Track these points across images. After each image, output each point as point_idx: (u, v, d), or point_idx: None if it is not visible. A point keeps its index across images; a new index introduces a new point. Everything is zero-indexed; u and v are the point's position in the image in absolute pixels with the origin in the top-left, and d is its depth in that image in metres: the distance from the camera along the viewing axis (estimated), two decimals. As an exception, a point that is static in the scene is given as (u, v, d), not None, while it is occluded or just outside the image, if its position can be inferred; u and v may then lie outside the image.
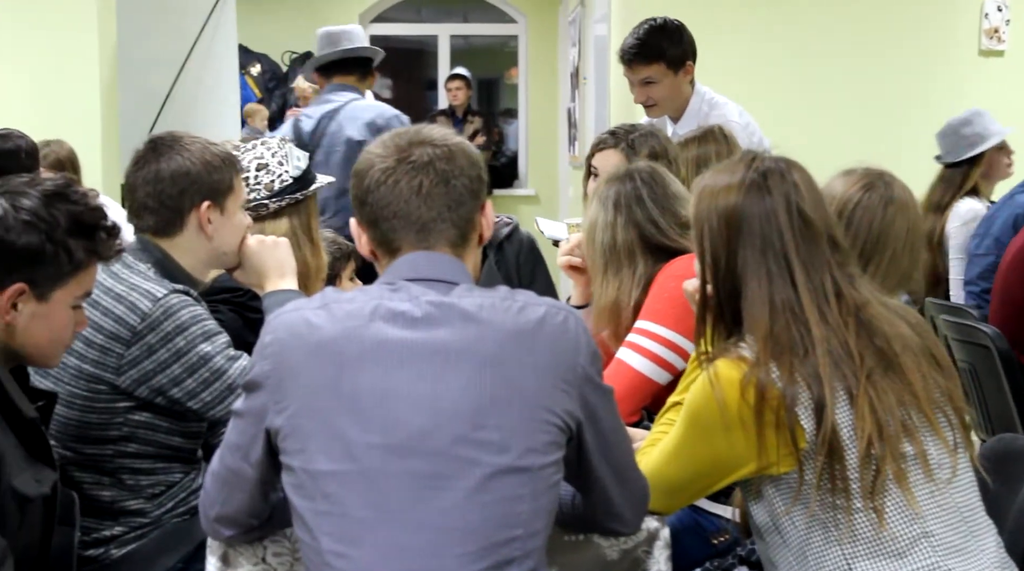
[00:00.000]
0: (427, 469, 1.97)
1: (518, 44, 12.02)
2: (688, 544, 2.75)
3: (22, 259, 2.30)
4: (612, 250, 3.04)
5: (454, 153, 2.12)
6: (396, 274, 2.10)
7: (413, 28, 12.36)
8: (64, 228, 2.32)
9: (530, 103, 11.84)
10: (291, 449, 2.04)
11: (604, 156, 3.67)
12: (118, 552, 2.76)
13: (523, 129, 11.95)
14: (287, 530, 2.29)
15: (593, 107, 8.79)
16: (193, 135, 2.91)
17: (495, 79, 13.06)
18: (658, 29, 4.46)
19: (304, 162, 3.35)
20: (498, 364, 2.01)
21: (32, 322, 2.35)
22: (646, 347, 2.92)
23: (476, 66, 11.95)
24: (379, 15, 11.81)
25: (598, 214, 3.07)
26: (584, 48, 9.33)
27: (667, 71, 4.44)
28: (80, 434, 2.74)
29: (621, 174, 3.13)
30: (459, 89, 11.04)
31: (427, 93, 12.53)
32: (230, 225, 2.90)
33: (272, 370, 2.07)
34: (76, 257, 2.35)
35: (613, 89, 7.51)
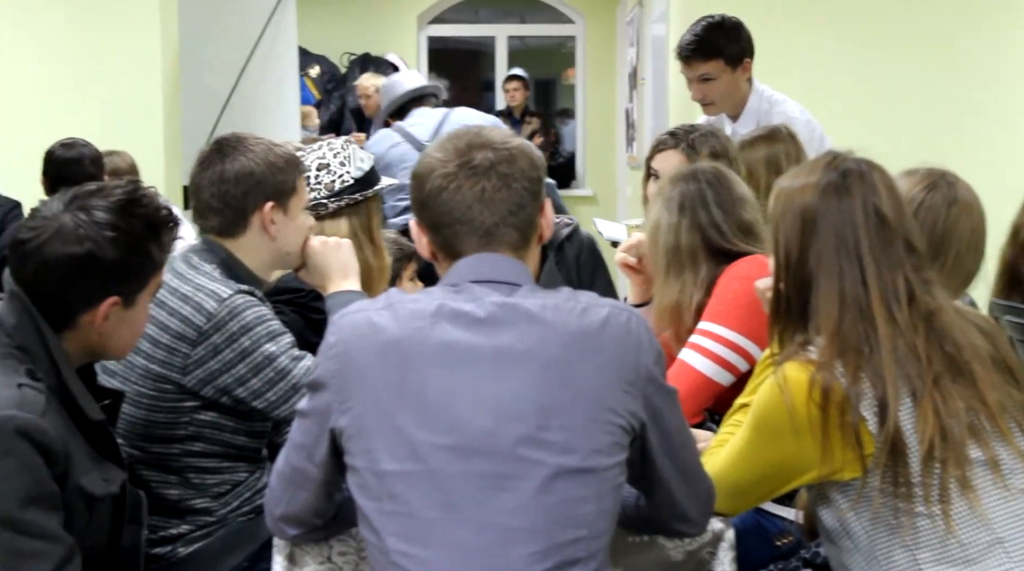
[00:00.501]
0: (491, 469, 1.98)
1: (575, 45, 12.01)
2: (751, 545, 2.74)
3: (115, 274, 2.32)
4: (675, 252, 3.03)
5: (515, 156, 2.12)
6: (459, 276, 2.10)
7: (470, 29, 12.38)
8: (142, 235, 2.35)
9: (587, 104, 11.83)
10: (356, 449, 2.05)
11: (664, 157, 3.66)
12: (185, 550, 2.79)
13: (580, 130, 11.94)
14: (352, 529, 2.31)
15: (651, 107, 8.77)
16: (257, 136, 2.93)
17: (552, 80, 13.05)
18: (716, 26, 4.45)
19: (367, 163, 3.36)
20: (562, 365, 2.01)
21: (118, 328, 2.39)
22: (709, 348, 2.91)
23: (532, 67, 11.95)
24: (436, 16, 11.84)
25: (661, 215, 3.06)
26: (642, 48, 9.31)
27: (725, 67, 4.42)
28: (147, 433, 2.78)
29: (686, 174, 3.12)
30: (516, 90, 11.05)
31: (483, 94, 12.55)
32: (293, 226, 2.92)
33: (337, 370, 2.08)
34: (155, 260, 2.39)
35: (672, 89, 7.49)
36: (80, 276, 2.30)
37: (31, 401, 2.20)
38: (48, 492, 2.20)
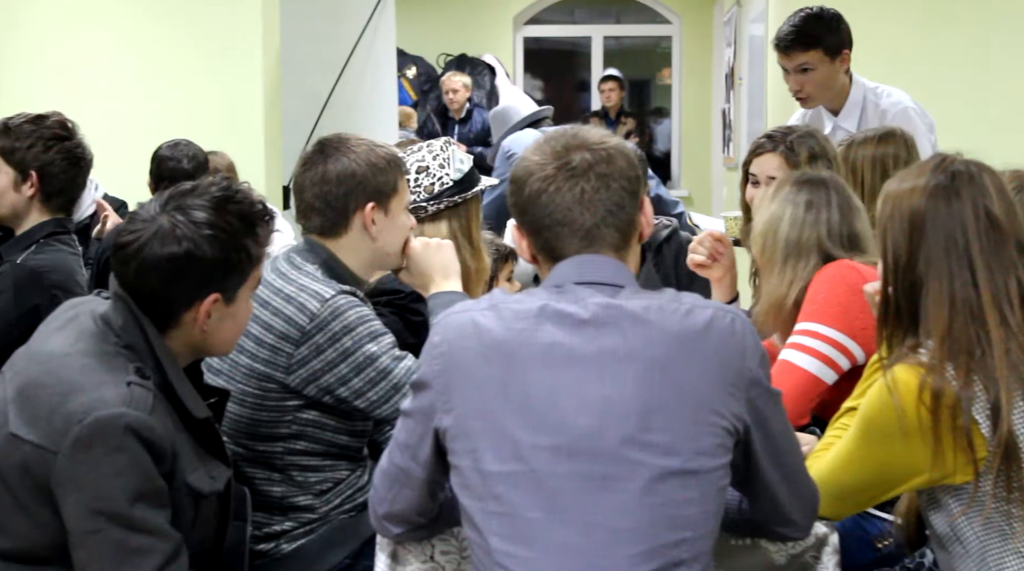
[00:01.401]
0: (595, 470, 1.97)
1: (671, 44, 11.96)
2: (852, 548, 2.71)
3: (214, 272, 2.35)
4: (796, 245, 2.99)
5: (612, 155, 2.11)
6: (561, 277, 2.10)
7: (566, 30, 12.38)
8: (238, 231, 2.37)
9: (683, 104, 11.78)
10: (459, 449, 2.06)
11: (763, 160, 3.63)
12: (288, 547, 2.82)
13: (676, 130, 11.89)
14: (454, 528, 2.32)
15: (748, 108, 8.71)
16: (359, 137, 2.95)
17: (647, 80, 13.01)
18: (815, 17, 4.42)
19: (467, 165, 3.37)
20: (666, 366, 2.01)
21: (221, 324, 2.41)
22: (812, 346, 2.89)
23: (627, 67, 11.93)
24: (532, 17, 11.85)
25: (784, 210, 3.02)
26: (740, 48, 9.25)
27: (824, 58, 4.38)
28: (252, 431, 2.81)
29: (815, 179, 3.08)
30: (612, 90, 11.04)
31: (578, 95, 12.55)
32: (394, 226, 2.94)
33: (441, 371, 2.09)
34: (253, 254, 2.41)
35: (770, 90, 7.43)
36: (180, 275, 2.32)
37: (139, 399, 2.24)
38: (156, 488, 2.23)
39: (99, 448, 2.19)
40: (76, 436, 2.19)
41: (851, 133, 4.23)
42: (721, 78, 10.64)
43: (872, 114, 4.43)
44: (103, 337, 2.35)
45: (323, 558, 2.82)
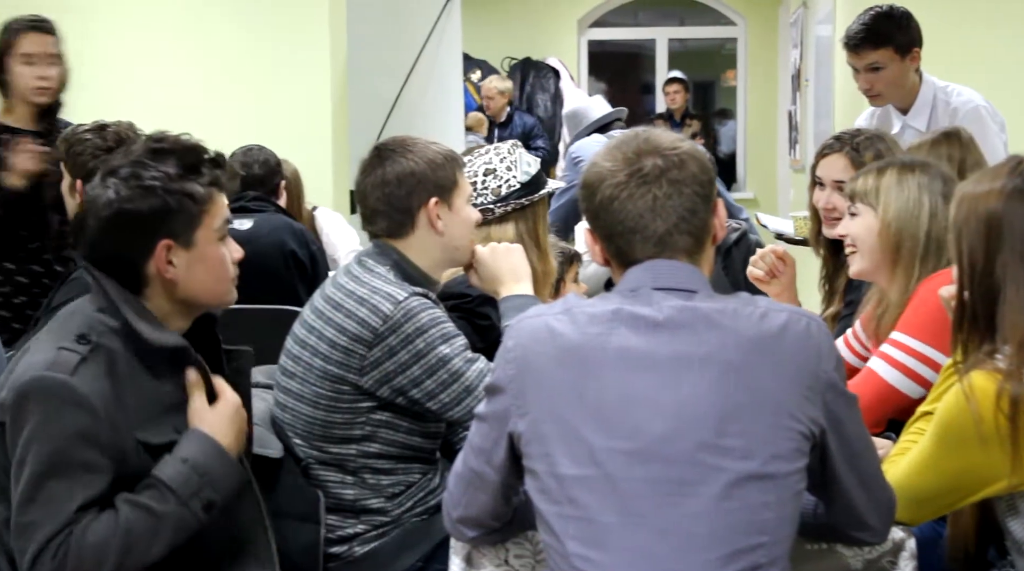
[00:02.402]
0: (671, 475, 1.97)
1: (736, 46, 11.91)
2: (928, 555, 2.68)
3: (153, 220, 2.39)
4: (937, 241, 2.87)
5: (685, 161, 2.10)
6: (636, 282, 2.09)
7: (630, 32, 12.36)
8: (175, 176, 2.40)
9: (749, 106, 11.72)
10: (534, 453, 2.06)
11: (828, 162, 3.60)
12: (361, 550, 2.84)
13: (741, 132, 11.84)
14: (528, 532, 2.32)
15: (814, 109, 8.66)
16: (414, 137, 2.98)
17: (711, 82, 12.97)
18: (885, 15, 4.39)
19: (534, 167, 3.38)
20: (741, 370, 2.00)
21: (190, 270, 2.43)
22: (899, 360, 2.85)
23: (691, 68, 11.88)
24: (596, 20, 11.85)
25: (923, 197, 2.90)
26: (806, 50, 9.19)
27: (894, 56, 4.35)
28: (325, 434, 2.83)
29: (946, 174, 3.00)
30: (677, 92, 11.01)
31: (643, 97, 12.52)
32: (459, 220, 2.95)
33: (515, 375, 2.09)
34: (198, 196, 2.42)
35: (838, 91, 7.38)
36: (123, 232, 2.39)
37: (62, 361, 2.28)
38: (76, 460, 2.25)
39: (22, 414, 2.26)
40: (7, 404, 2.28)
41: (920, 131, 4.21)
42: (787, 79, 10.57)
43: (942, 113, 4.40)
44: (77, 309, 2.42)
45: (396, 561, 2.83)
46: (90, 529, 2.25)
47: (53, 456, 2.23)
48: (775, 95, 11.35)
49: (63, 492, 2.24)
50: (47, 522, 2.22)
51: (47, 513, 2.23)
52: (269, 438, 2.87)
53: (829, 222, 3.50)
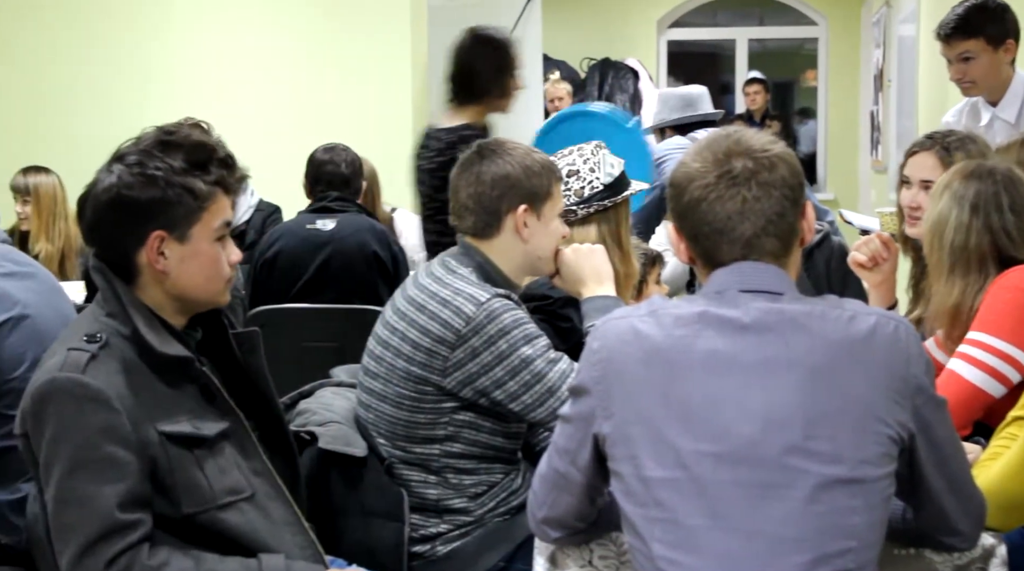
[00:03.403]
0: (758, 478, 1.96)
1: (817, 46, 11.82)
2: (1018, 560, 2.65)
3: (149, 209, 2.38)
4: (962, 252, 2.92)
5: (775, 163, 2.08)
6: (722, 284, 2.08)
7: (710, 32, 12.31)
8: (179, 170, 2.39)
9: (830, 106, 11.63)
10: (620, 455, 2.05)
11: (917, 160, 3.55)
12: (444, 549, 2.85)
13: (822, 132, 11.75)
14: (613, 533, 2.32)
15: (897, 109, 8.57)
16: (516, 141, 2.99)
17: (790, 82, 12.87)
18: (979, 6, 4.37)
19: (617, 169, 3.37)
20: (829, 374, 1.98)
21: (182, 265, 2.41)
22: (980, 359, 2.82)
23: (770, 69, 11.81)
24: (676, 20, 11.80)
25: (951, 211, 2.95)
26: (888, 49, 9.11)
27: (986, 47, 4.32)
28: (409, 434, 2.84)
29: (980, 170, 2.99)
30: (757, 93, 10.94)
31: (722, 97, 12.45)
32: (546, 230, 2.95)
33: (600, 377, 2.09)
34: (199, 193, 2.41)
35: (921, 91, 7.30)
36: (118, 217, 2.38)
37: (72, 361, 2.29)
38: (101, 456, 2.25)
39: (41, 419, 2.27)
40: (27, 413, 2.30)
41: (1009, 123, 4.18)
42: (869, 79, 10.48)
43: None
44: (88, 315, 2.43)
45: (478, 561, 2.84)
46: (168, 564, 2.26)
47: (77, 454, 2.24)
48: (856, 95, 11.25)
49: (94, 491, 2.24)
50: (85, 524, 2.22)
51: (83, 515, 2.23)
52: (353, 437, 2.89)
53: (912, 221, 3.46)
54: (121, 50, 6.89)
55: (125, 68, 6.89)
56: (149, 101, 6.67)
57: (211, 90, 6.73)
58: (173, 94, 6.74)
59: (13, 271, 3.16)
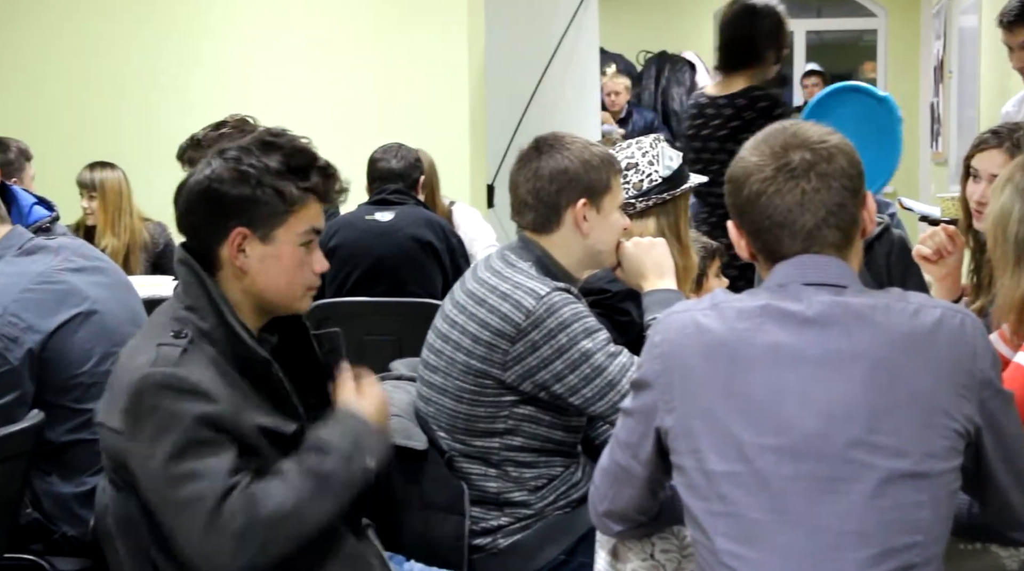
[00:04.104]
0: (821, 472, 1.94)
1: (876, 38, 11.72)
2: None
3: (237, 205, 2.39)
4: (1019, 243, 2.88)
5: (833, 154, 2.07)
6: (785, 277, 2.07)
7: (767, 24, 12.21)
8: (274, 171, 2.39)
9: (889, 97, 11.53)
10: (682, 449, 2.05)
11: (986, 157, 3.51)
12: (504, 542, 2.85)
13: (881, 124, 11.64)
14: (675, 527, 2.31)
15: (957, 101, 8.49)
16: (574, 135, 2.98)
17: (847, 74, 12.76)
18: None
19: (676, 162, 3.36)
20: (893, 367, 1.97)
21: (262, 265, 2.42)
22: None
23: (827, 60, 11.72)
24: (733, 12, 11.73)
25: (1014, 204, 2.92)
26: (949, 41, 9.02)
27: None
28: (468, 427, 2.85)
29: None
30: (815, 86, 10.83)
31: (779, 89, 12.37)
32: (606, 224, 2.95)
33: (662, 370, 2.08)
34: (288, 196, 2.41)
35: (983, 82, 7.23)
36: (205, 207, 2.41)
37: (164, 356, 2.31)
38: (202, 438, 2.27)
39: (140, 414, 2.28)
40: (123, 410, 2.30)
41: None
42: (929, 71, 10.39)
43: None
44: (166, 309, 2.45)
45: (539, 554, 2.85)
46: (263, 495, 2.27)
47: (181, 439, 2.25)
48: (916, 87, 11.15)
49: (203, 465, 2.25)
50: (204, 493, 2.24)
51: (200, 486, 2.24)
52: (413, 430, 2.90)
53: (978, 216, 3.43)
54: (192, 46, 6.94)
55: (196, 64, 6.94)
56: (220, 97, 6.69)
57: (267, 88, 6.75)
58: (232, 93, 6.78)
59: (83, 266, 3.19)
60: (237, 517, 2.23)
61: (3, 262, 3.09)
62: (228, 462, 2.27)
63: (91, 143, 6.63)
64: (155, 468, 2.26)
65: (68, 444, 3.05)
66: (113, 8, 6.98)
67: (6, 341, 2.95)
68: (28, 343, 2.98)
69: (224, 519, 2.23)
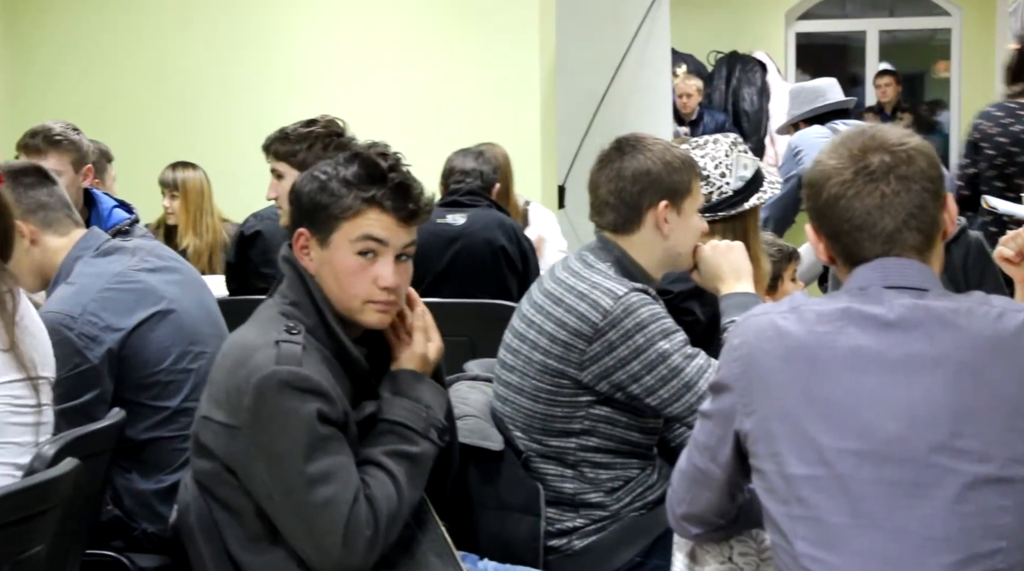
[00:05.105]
0: (903, 476, 1.93)
1: (949, 37, 11.60)
2: None
3: (306, 207, 2.48)
4: None
5: (912, 157, 2.05)
6: (865, 280, 2.06)
7: (840, 24, 12.14)
8: (342, 179, 2.45)
9: (963, 97, 11.40)
10: (761, 453, 2.04)
11: None
12: (580, 543, 2.86)
13: (955, 124, 11.51)
14: (752, 530, 2.31)
15: (1034, 101, 8.36)
16: (656, 137, 2.98)
17: (920, 73, 12.65)
18: None
19: (750, 171, 3.29)
20: (976, 371, 1.95)
21: (321, 268, 2.48)
22: None
23: (899, 60, 11.61)
24: (805, 12, 11.66)
25: None
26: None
27: None
28: (545, 427, 2.86)
29: None
30: (888, 85, 10.78)
31: (850, 90, 12.26)
32: (686, 226, 2.94)
33: (741, 373, 2.08)
34: (345, 202, 2.44)
35: (1061, 82, 7.12)
36: (293, 210, 2.53)
37: (286, 353, 2.34)
38: (326, 436, 2.32)
39: (265, 412, 2.31)
40: (246, 407, 2.32)
41: None
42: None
43: None
44: (272, 305, 2.49)
45: (614, 555, 2.84)
46: (375, 492, 2.36)
47: (307, 440, 2.30)
48: (991, 86, 10.99)
49: (334, 465, 2.31)
50: (341, 494, 2.30)
51: (336, 488, 2.30)
52: (490, 431, 2.91)
53: None
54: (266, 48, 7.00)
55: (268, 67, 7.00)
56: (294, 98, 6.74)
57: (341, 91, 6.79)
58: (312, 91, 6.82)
59: (158, 266, 3.24)
60: (368, 524, 2.32)
61: (81, 263, 3.14)
62: (352, 461, 2.35)
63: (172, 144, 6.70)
64: (286, 470, 2.30)
65: (147, 441, 3.10)
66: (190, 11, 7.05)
67: (86, 340, 3.00)
68: (107, 342, 3.03)
69: (359, 523, 2.31)
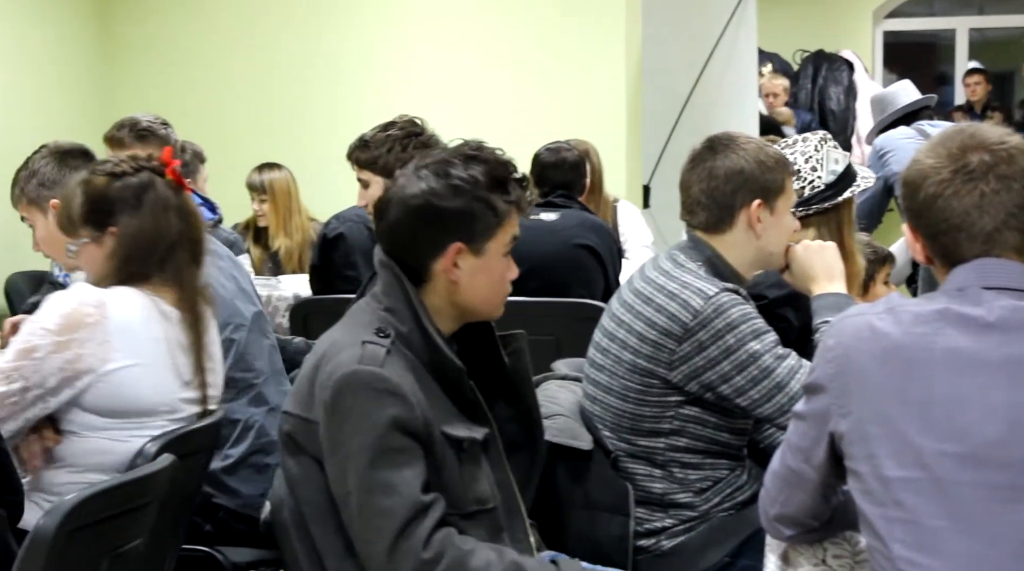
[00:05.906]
0: (1004, 480, 1.90)
1: (1041, 35, 11.44)
2: None
3: (455, 220, 2.43)
4: None
5: (1013, 155, 2.02)
6: (963, 281, 2.03)
7: (929, 23, 11.99)
8: (482, 185, 2.43)
9: (1055, 96, 11.23)
10: (857, 454, 2.02)
11: None
12: (668, 543, 2.85)
13: (1047, 124, 11.35)
14: (847, 532, 2.29)
15: None
16: (748, 135, 2.97)
17: (1010, 71, 12.46)
18: None
19: (841, 165, 3.27)
20: None
21: (472, 278, 2.46)
22: None
23: (989, 58, 11.45)
24: (892, 11, 11.54)
25: None
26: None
27: None
28: (634, 427, 2.85)
29: None
30: (978, 84, 10.63)
31: (939, 89, 12.11)
32: (779, 225, 2.92)
33: (836, 374, 2.06)
34: (499, 210, 2.45)
35: None
36: (423, 224, 2.43)
37: (370, 354, 2.34)
38: (399, 446, 2.31)
39: (340, 410, 2.32)
40: (323, 403, 2.34)
41: None
42: (1097, 68, 10.09)
43: None
44: (365, 307, 2.48)
45: (703, 556, 2.84)
46: (476, 552, 2.31)
47: (377, 443, 2.29)
48: (1083, 85, 10.83)
49: (398, 477, 2.29)
50: (396, 509, 2.27)
51: (393, 501, 2.28)
52: (579, 430, 2.91)
53: None
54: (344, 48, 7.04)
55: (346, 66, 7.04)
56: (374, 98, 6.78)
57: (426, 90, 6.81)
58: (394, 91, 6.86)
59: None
60: (431, 550, 2.27)
61: None
62: (421, 475, 2.32)
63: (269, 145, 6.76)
64: (353, 469, 2.31)
65: None
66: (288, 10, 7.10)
67: None
68: None
69: (412, 543, 2.27)
